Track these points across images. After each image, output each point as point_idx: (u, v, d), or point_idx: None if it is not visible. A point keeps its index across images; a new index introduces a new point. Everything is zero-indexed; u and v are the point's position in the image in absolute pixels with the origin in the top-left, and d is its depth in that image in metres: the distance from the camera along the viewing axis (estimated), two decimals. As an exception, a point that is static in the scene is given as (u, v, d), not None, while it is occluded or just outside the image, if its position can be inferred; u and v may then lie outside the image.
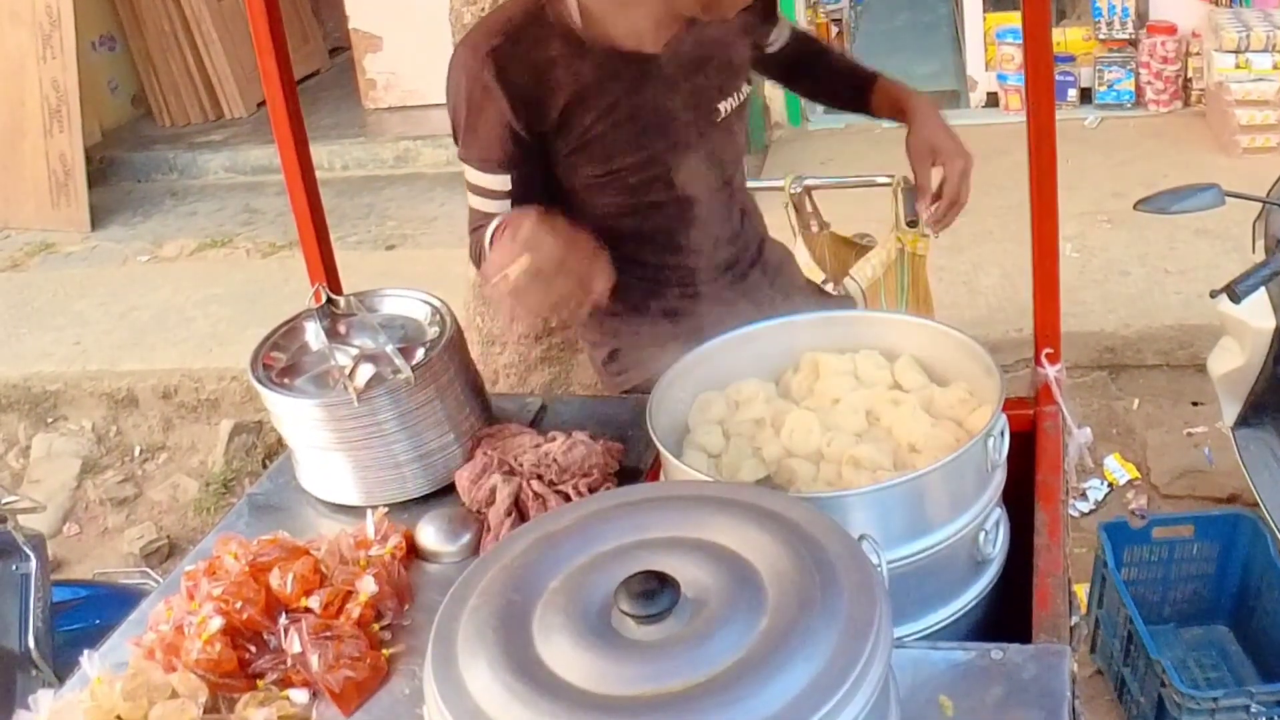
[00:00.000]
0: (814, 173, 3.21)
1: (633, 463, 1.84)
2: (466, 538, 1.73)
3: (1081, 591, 3.02)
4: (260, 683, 1.49)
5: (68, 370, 4.77)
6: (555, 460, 1.77)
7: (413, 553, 1.72)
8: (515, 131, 1.87)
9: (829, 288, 2.78)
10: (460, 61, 1.88)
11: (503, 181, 1.90)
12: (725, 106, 2.02)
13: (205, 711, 1.43)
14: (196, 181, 6.80)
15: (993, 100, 5.98)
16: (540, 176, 1.95)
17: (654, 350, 2.04)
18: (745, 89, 2.08)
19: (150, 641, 1.53)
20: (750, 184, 3.71)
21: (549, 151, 1.94)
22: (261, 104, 6.50)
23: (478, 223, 1.91)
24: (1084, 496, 3.58)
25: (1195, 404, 3.85)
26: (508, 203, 1.90)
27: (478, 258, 1.90)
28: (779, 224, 2.50)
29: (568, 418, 2.02)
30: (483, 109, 1.86)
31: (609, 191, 1.99)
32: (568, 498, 1.72)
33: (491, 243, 1.78)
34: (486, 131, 1.88)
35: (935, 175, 2.03)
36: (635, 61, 1.91)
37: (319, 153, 5.25)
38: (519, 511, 1.73)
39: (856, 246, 3.31)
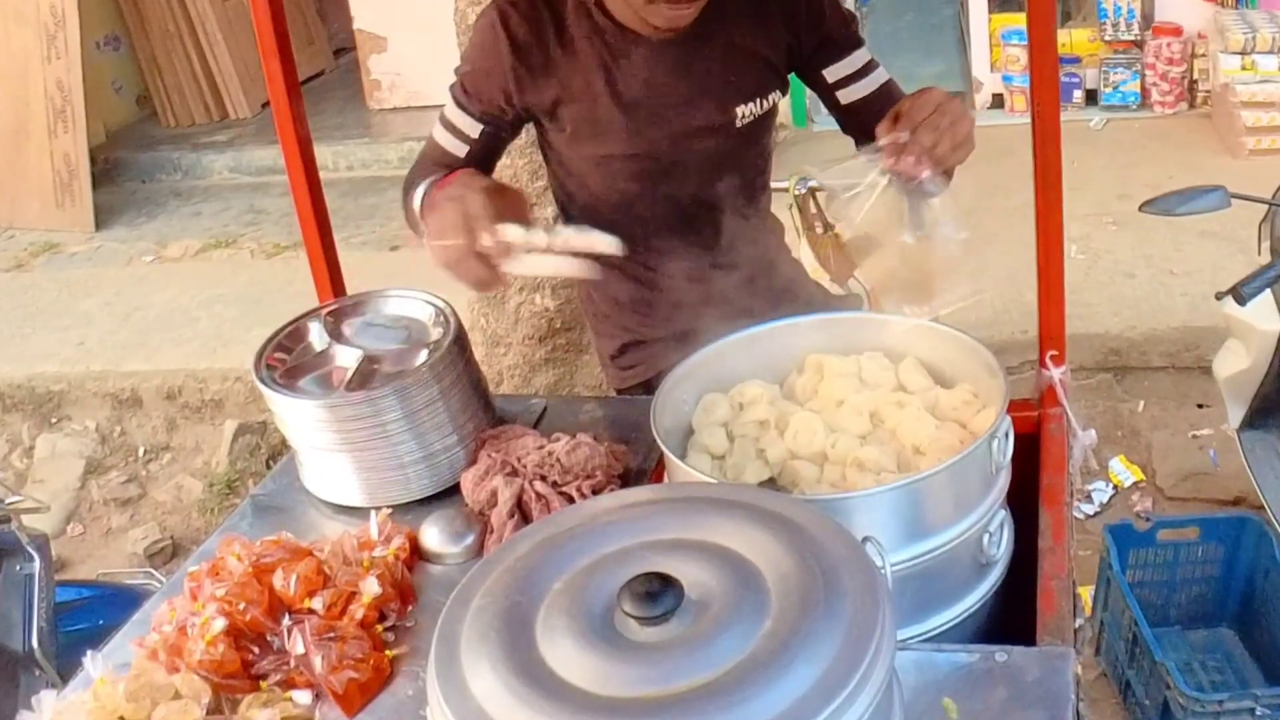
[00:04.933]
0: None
1: (636, 464, 1.84)
2: (470, 539, 1.73)
3: (1086, 594, 3.01)
4: (263, 684, 1.48)
5: (72, 370, 4.77)
6: (559, 461, 1.76)
7: (416, 554, 1.72)
8: (508, 90, 1.91)
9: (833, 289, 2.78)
10: (484, 12, 1.93)
11: (473, 128, 1.95)
12: (745, 111, 1.95)
13: (208, 712, 1.43)
14: (201, 182, 6.81)
15: (998, 101, 5.98)
16: (500, 154, 2.01)
17: (663, 345, 2.04)
18: (773, 96, 1.99)
19: (153, 642, 1.53)
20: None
21: (547, 126, 1.97)
22: (266, 104, 6.53)
23: (432, 159, 1.96)
24: (1089, 499, 3.57)
25: (1201, 406, 3.85)
26: (466, 149, 1.95)
27: (409, 193, 1.89)
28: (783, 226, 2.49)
29: (571, 419, 2.02)
30: (489, 55, 1.91)
31: (618, 177, 1.99)
32: (571, 499, 1.72)
33: (425, 200, 1.80)
34: (484, 73, 1.92)
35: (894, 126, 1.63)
36: (642, 42, 1.90)
37: (323, 153, 5.24)
38: (522, 513, 1.73)
39: (861, 248, 3.31)
